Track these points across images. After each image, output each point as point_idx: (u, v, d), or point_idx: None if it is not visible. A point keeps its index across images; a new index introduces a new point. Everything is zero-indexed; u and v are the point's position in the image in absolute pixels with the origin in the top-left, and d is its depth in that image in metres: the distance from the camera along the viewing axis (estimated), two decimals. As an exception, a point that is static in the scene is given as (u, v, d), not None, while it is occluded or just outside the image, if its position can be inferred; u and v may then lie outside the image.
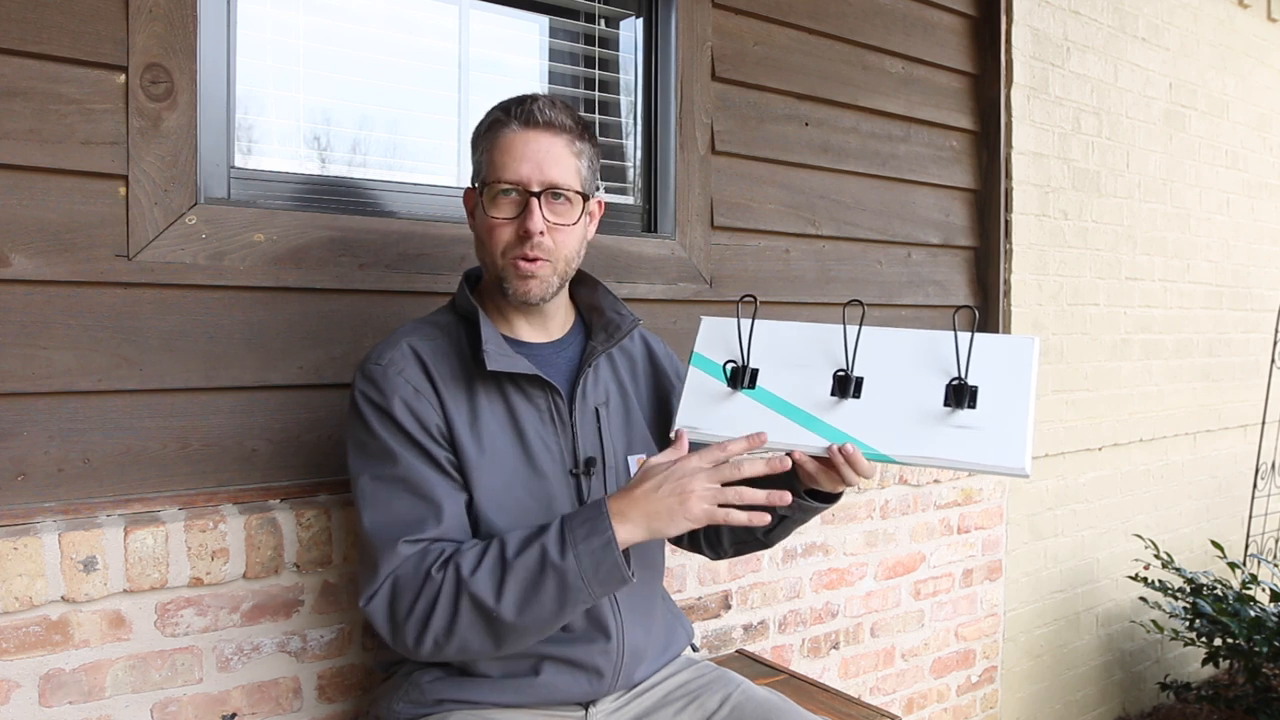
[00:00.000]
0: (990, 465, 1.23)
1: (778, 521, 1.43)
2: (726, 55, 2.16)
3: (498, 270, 1.34)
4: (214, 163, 1.55)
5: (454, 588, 1.19)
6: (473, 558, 1.20)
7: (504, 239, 1.31)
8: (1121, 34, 3.13)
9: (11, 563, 1.33)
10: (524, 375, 1.33)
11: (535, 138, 1.31)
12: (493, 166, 1.31)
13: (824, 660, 2.36)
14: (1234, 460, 3.75)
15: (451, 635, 1.20)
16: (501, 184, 1.30)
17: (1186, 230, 3.43)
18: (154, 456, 1.49)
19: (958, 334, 1.30)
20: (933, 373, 1.30)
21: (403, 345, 1.33)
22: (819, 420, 1.31)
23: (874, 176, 2.46)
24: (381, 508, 1.26)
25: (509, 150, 1.30)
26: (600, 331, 1.44)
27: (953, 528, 2.63)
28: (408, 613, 1.21)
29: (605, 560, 1.17)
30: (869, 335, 1.34)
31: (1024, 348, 1.29)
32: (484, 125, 1.35)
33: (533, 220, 1.29)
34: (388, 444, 1.27)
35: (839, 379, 1.32)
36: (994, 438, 1.24)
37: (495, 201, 1.31)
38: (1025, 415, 1.25)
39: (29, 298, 1.40)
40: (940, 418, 1.27)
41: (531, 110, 1.31)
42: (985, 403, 1.26)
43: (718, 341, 1.40)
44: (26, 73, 1.38)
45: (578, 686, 1.35)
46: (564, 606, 1.19)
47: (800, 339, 1.37)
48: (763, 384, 1.35)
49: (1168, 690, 3.27)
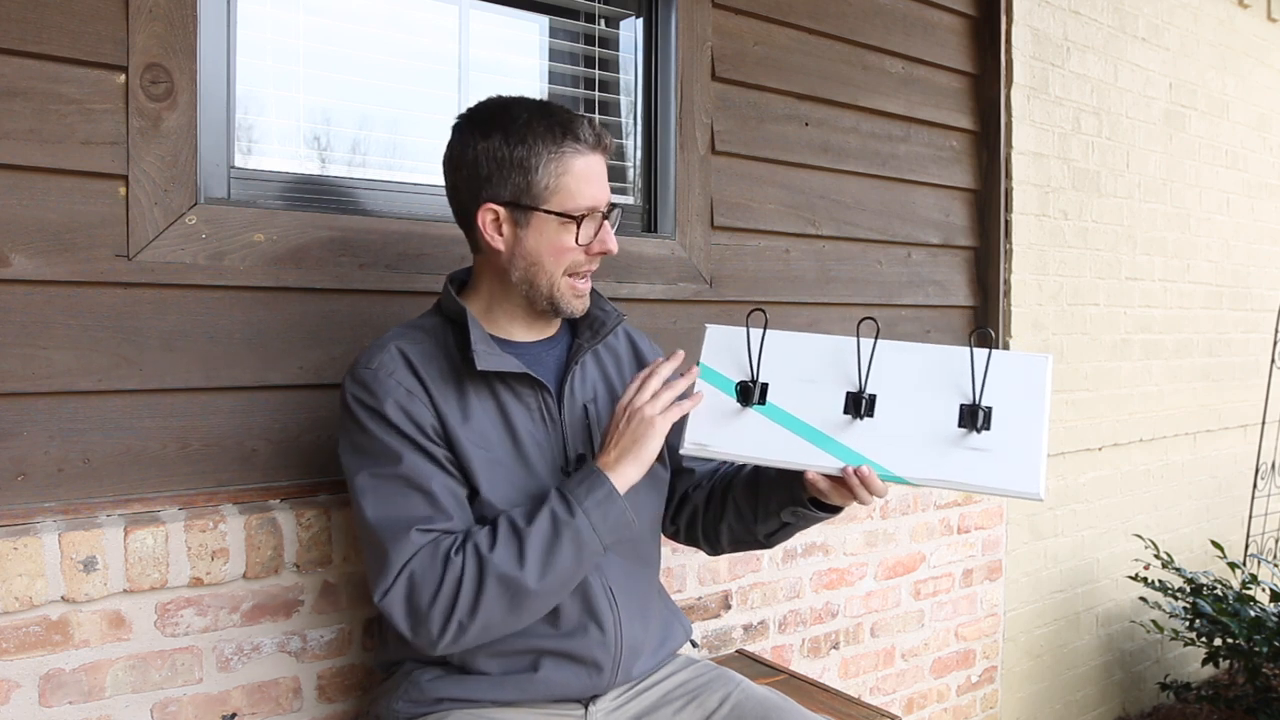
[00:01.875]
0: (1004, 489, 1.23)
1: (779, 526, 1.44)
2: (726, 55, 2.16)
3: (552, 288, 1.35)
4: (214, 163, 1.55)
5: (476, 566, 1.21)
6: (487, 536, 1.23)
7: (573, 258, 1.34)
8: (1121, 34, 3.13)
9: (11, 563, 1.33)
10: (513, 374, 1.34)
11: (598, 160, 1.34)
12: (570, 193, 1.31)
13: (824, 660, 2.36)
14: (1234, 460, 3.75)
15: (475, 614, 1.21)
16: (590, 209, 1.32)
17: (1186, 230, 3.43)
18: (154, 456, 1.49)
19: (974, 354, 1.29)
20: (946, 391, 1.29)
21: (391, 348, 1.33)
22: (832, 440, 1.30)
23: (874, 176, 2.46)
24: (385, 502, 1.26)
25: (586, 177, 1.31)
26: (586, 329, 1.44)
27: (953, 528, 2.63)
28: (431, 600, 1.21)
29: (611, 509, 1.25)
30: (881, 350, 1.32)
31: (1037, 367, 1.28)
32: (540, 142, 1.30)
33: (612, 242, 1.35)
34: (386, 444, 1.27)
35: (852, 398, 1.31)
36: (1008, 461, 1.24)
37: (567, 225, 1.31)
38: (1039, 438, 1.24)
39: (29, 298, 1.40)
40: (954, 439, 1.27)
41: (600, 134, 1.33)
42: (999, 424, 1.26)
43: (724, 352, 1.38)
44: (26, 73, 1.38)
45: (577, 681, 1.36)
46: (581, 563, 1.25)
47: (809, 351, 1.36)
48: (773, 399, 1.34)
49: (1168, 690, 3.27)
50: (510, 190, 1.31)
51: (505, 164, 1.30)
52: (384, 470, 1.27)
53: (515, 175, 1.30)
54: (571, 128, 1.31)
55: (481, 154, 1.31)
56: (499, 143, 1.30)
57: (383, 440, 1.28)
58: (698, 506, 1.53)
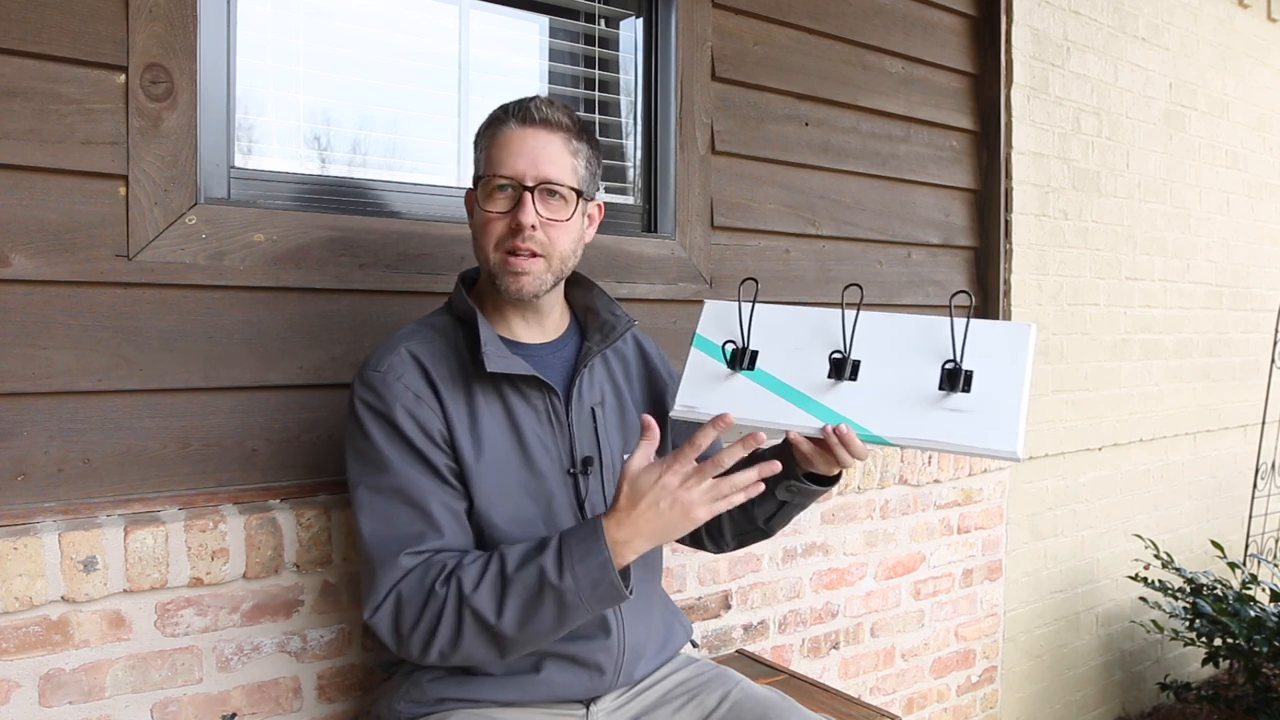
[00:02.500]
0: (982, 448, 1.24)
1: (777, 507, 1.43)
2: (726, 55, 2.16)
3: (490, 266, 1.35)
4: (214, 163, 1.55)
5: (456, 604, 1.20)
6: (474, 573, 1.21)
7: (497, 233, 1.33)
8: (1121, 34, 3.13)
9: (11, 563, 1.33)
10: (521, 376, 1.34)
11: (532, 134, 1.32)
12: (489, 162, 1.33)
13: (824, 660, 2.36)
14: (1234, 460, 3.75)
15: (456, 647, 1.22)
16: (497, 178, 1.32)
17: (1186, 230, 3.43)
18: (154, 456, 1.49)
19: (954, 318, 1.31)
20: (929, 357, 1.31)
21: (401, 350, 1.33)
22: (815, 401, 1.32)
23: (874, 176, 2.46)
24: (380, 520, 1.26)
25: (505, 146, 1.32)
26: (595, 332, 1.44)
27: (953, 528, 2.63)
28: (412, 627, 1.22)
29: (602, 580, 1.18)
30: (867, 319, 1.35)
31: (1021, 334, 1.30)
32: (484, 124, 1.38)
33: (525, 213, 1.30)
34: (386, 454, 1.28)
35: (835, 361, 1.33)
36: (987, 421, 1.25)
37: (491, 196, 1.33)
38: (1019, 399, 1.25)
39: (29, 298, 1.40)
40: (934, 400, 1.28)
41: (529, 108, 1.33)
42: (980, 386, 1.27)
43: (719, 324, 1.42)
44: (26, 73, 1.38)
45: (579, 683, 1.36)
46: (563, 623, 1.21)
47: (799, 322, 1.39)
48: (762, 365, 1.37)
49: (1168, 690, 3.27)
50: (474, 174, 1.39)
51: (475, 148, 1.39)
52: (382, 482, 1.27)
53: (477, 156, 1.38)
54: (514, 107, 1.34)
55: None
56: (479, 130, 1.39)
57: (385, 449, 1.28)
58: None
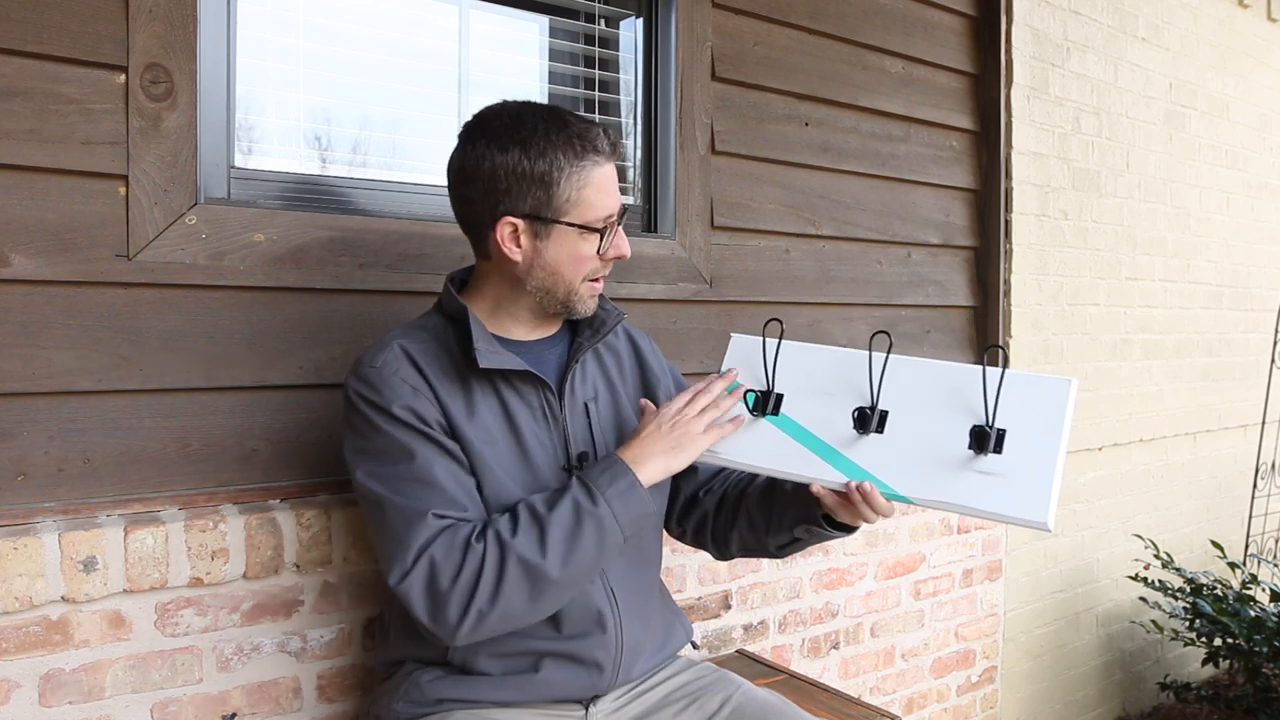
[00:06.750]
0: (1011, 517, 1.18)
1: (791, 539, 1.44)
2: (726, 55, 2.16)
3: (572, 291, 1.36)
4: (214, 163, 1.55)
5: (498, 552, 1.20)
6: (507, 523, 1.23)
7: (591, 266, 1.35)
8: (1121, 34, 3.13)
9: (11, 563, 1.33)
10: (515, 371, 1.34)
11: (614, 168, 1.35)
12: (590, 205, 1.31)
13: (824, 660, 2.36)
14: (1234, 460, 3.75)
15: (496, 602, 1.19)
16: (610, 219, 1.33)
17: (1186, 230, 3.43)
18: (154, 456, 1.49)
19: (986, 374, 1.24)
20: (959, 411, 1.25)
21: (394, 347, 1.33)
22: (839, 454, 1.29)
23: (874, 176, 2.46)
24: (399, 493, 1.25)
25: (603, 188, 1.32)
26: (586, 328, 1.44)
27: (953, 528, 2.63)
28: (451, 584, 1.19)
29: (633, 499, 1.25)
30: (895, 365, 1.31)
31: (1060, 390, 1.22)
32: (560, 158, 1.29)
33: (627, 245, 1.37)
34: (396, 440, 1.27)
35: (863, 413, 1.30)
36: (1017, 487, 1.19)
37: (588, 236, 1.32)
38: (1053, 465, 1.19)
39: (29, 298, 1.40)
40: (963, 461, 1.22)
41: (614, 142, 1.33)
42: (1012, 448, 1.21)
43: (743, 361, 1.41)
44: (26, 73, 1.38)
45: (578, 681, 1.36)
46: (603, 551, 1.25)
47: (826, 365, 1.35)
48: (786, 410, 1.35)
49: (1168, 690, 3.27)
50: (530, 204, 1.29)
51: (525, 178, 1.28)
52: (395, 468, 1.26)
53: (536, 189, 1.29)
54: (590, 139, 1.30)
55: (500, 168, 1.28)
56: (518, 157, 1.28)
57: (392, 437, 1.27)
58: (708, 512, 1.53)
